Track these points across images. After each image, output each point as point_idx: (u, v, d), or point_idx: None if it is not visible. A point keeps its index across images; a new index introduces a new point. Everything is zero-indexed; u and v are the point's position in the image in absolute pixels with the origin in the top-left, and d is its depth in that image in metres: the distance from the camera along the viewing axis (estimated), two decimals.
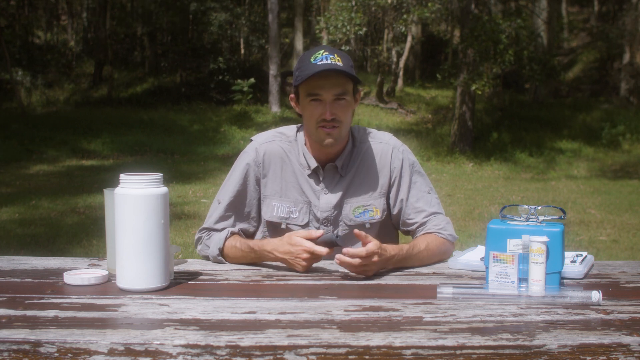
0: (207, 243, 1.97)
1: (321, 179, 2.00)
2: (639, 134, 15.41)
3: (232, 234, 1.95)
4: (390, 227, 2.09)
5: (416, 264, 1.87)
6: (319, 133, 1.92)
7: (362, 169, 2.02)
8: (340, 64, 1.86)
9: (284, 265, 1.83)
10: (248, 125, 16.12)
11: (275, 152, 2.02)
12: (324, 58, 1.86)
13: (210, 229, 2.00)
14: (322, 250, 1.73)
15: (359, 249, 1.70)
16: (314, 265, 1.84)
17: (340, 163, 2.00)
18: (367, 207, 2.00)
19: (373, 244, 1.70)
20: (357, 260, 1.69)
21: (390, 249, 1.78)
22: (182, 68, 20.86)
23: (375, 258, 1.71)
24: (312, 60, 1.87)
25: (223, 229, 1.98)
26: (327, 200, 1.99)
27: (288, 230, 1.96)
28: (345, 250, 1.70)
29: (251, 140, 2.08)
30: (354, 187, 2.01)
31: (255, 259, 1.86)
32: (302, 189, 2.00)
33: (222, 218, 2.00)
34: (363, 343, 1.21)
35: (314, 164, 1.99)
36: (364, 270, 1.72)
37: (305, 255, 1.74)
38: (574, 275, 1.72)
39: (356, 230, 1.76)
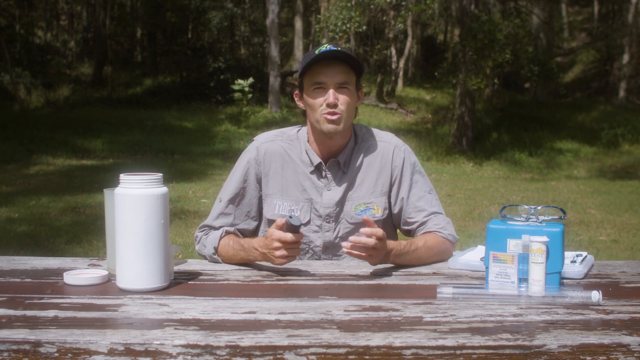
0: (204, 242, 1.98)
1: (324, 174, 2.01)
2: (639, 134, 15.42)
3: (228, 233, 1.96)
4: (391, 227, 2.10)
5: (415, 262, 1.87)
6: (322, 121, 1.94)
7: (363, 167, 2.03)
8: (346, 52, 1.92)
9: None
10: (248, 125, 16.12)
11: (276, 151, 2.03)
12: (327, 49, 1.91)
13: (209, 226, 2.02)
14: (287, 235, 1.68)
15: (375, 229, 1.70)
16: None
17: (343, 159, 2.02)
18: (368, 204, 2.01)
19: (379, 230, 1.71)
20: (372, 240, 1.68)
21: (389, 243, 1.79)
22: (182, 68, 20.87)
23: (380, 244, 1.72)
24: (316, 52, 1.93)
25: (221, 226, 1.99)
26: (329, 196, 2.00)
27: None
28: (362, 230, 1.70)
29: (253, 139, 2.11)
30: (356, 184, 2.02)
31: (245, 258, 1.86)
32: (304, 187, 2.01)
33: (221, 215, 2.02)
34: (363, 343, 1.21)
35: (316, 160, 2.01)
36: (370, 256, 1.72)
37: (276, 244, 1.70)
38: (574, 275, 1.72)
39: (365, 216, 1.77)
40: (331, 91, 1.91)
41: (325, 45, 1.94)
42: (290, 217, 1.70)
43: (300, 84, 2.01)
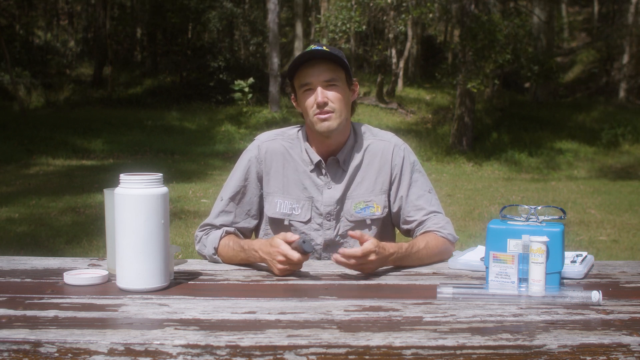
0: (205, 242, 1.98)
1: (324, 172, 2.01)
2: (639, 134, 15.43)
3: (228, 233, 1.96)
4: (390, 226, 2.10)
5: (415, 263, 1.87)
6: (315, 122, 1.95)
7: (363, 165, 2.04)
8: (327, 51, 1.93)
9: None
10: (248, 126, 16.13)
11: (277, 149, 2.04)
12: (309, 50, 1.93)
13: (210, 225, 2.02)
14: (294, 255, 1.68)
15: (354, 250, 1.70)
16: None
17: (342, 157, 2.02)
18: (368, 202, 2.01)
19: (370, 243, 1.71)
20: (352, 261, 1.70)
21: (389, 247, 1.78)
22: (182, 68, 20.87)
23: (373, 257, 1.71)
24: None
25: (222, 224, 2.00)
26: (330, 194, 2.01)
27: (291, 226, 2.01)
28: (340, 250, 1.70)
29: (254, 139, 2.12)
30: (356, 183, 2.03)
31: (245, 259, 1.86)
32: (305, 186, 2.01)
33: (222, 213, 2.02)
34: (363, 343, 1.21)
35: (316, 158, 2.01)
36: (362, 269, 1.73)
37: (280, 258, 1.71)
38: (574, 275, 1.72)
39: (350, 232, 1.77)
40: (319, 90, 1.93)
41: (311, 46, 1.95)
42: (304, 241, 1.68)
43: (292, 87, 2.03)
